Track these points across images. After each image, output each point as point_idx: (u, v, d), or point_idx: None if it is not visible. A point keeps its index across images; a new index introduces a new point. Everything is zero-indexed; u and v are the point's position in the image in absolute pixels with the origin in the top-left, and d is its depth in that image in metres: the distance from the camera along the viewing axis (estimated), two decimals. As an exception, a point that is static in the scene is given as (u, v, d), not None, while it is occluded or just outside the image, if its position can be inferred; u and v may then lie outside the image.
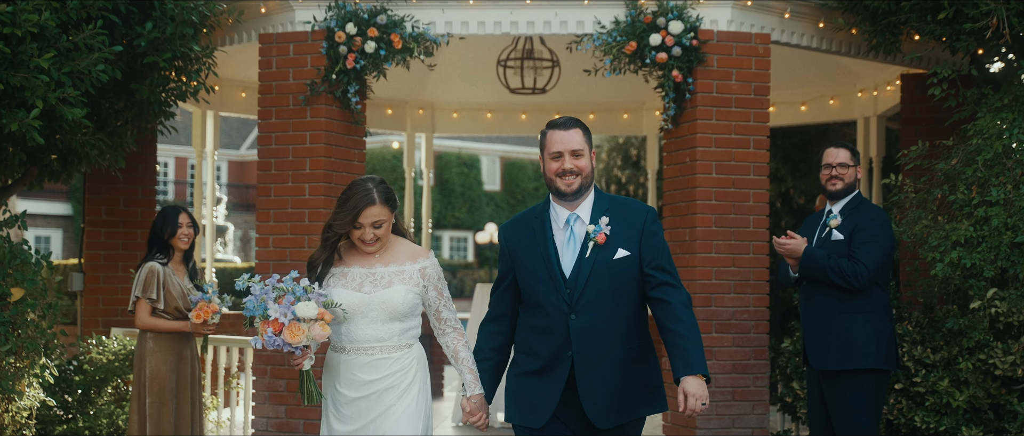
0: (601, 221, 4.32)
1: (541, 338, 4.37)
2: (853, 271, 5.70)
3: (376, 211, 4.34)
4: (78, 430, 7.23)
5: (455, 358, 4.50)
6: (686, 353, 4.19)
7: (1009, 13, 6.02)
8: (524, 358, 4.42)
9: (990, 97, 6.47)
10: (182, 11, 6.62)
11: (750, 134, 7.17)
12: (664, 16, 7.00)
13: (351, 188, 4.41)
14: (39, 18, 5.86)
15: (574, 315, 4.30)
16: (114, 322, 8.51)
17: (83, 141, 6.77)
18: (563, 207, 4.38)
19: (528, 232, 4.43)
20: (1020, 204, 5.83)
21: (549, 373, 4.35)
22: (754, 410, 7.10)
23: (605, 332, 4.30)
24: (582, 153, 4.35)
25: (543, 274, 4.33)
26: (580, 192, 4.34)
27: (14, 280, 6.31)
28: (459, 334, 4.52)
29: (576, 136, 4.35)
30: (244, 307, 4.25)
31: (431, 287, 4.48)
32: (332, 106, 7.25)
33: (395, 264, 4.45)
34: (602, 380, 4.31)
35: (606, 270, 4.28)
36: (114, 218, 8.64)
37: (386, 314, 4.38)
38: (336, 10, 7.10)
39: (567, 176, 4.32)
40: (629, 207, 4.41)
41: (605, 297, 4.28)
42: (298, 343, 4.21)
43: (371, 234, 4.36)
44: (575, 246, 4.34)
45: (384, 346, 4.40)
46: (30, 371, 6.52)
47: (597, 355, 4.30)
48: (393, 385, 4.40)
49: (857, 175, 5.89)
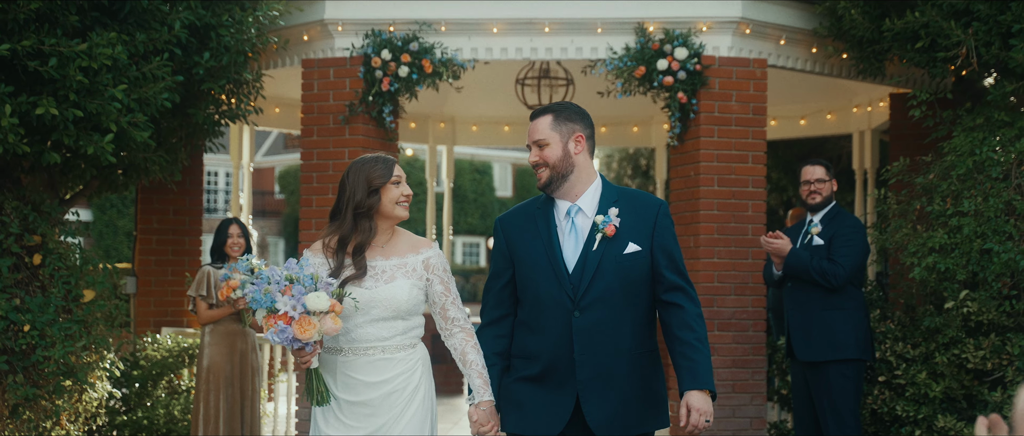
0: (610, 212, 4.00)
1: (540, 338, 4.02)
2: (832, 271, 6.44)
3: (402, 170, 4.08)
4: (138, 420, 7.95)
5: (463, 361, 4.07)
6: (695, 366, 3.94)
7: (977, 43, 6.70)
8: (521, 362, 4.08)
9: (964, 117, 7.16)
10: (237, 42, 7.33)
11: (749, 150, 7.87)
12: (670, 43, 7.70)
13: (361, 161, 4.09)
14: (112, 51, 6.56)
15: (578, 312, 3.96)
16: (164, 322, 9.24)
17: (145, 158, 7.50)
18: (560, 198, 4.08)
19: (529, 223, 4.10)
20: (989, 214, 6.50)
21: (551, 379, 4.00)
22: (752, 401, 7.79)
23: (611, 333, 3.97)
24: (547, 142, 4.03)
25: (545, 266, 4.00)
26: (552, 184, 4.03)
27: (86, 283, 7.04)
28: (468, 335, 4.09)
29: (541, 125, 4.05)
30: (250, 298, 3.87)
31: (437, 280, 4.09)
32: (368, 125, 7.97)
33: (396, 256, 4.06)
34: (607, 386, 3.97)
35: (615, 265, 3.96)
36: (164, 226, 9.38)
37: (389, 311, 3.99)
38: (373, 38, 7.81)
39: (537, 169, 4.06)
40: (640, 199, 4.10)
41: (613, 294, 3.96)
42: (309, 338, 3.81)
43: (408, 189, 4.07)
44: (577, 238, 4.02)
45: (386, 346, 4.02)
46: (100, 365, 7.24)
47: (602, 358, 3.97)
48: (398, 389, 4.01)
49: (833, 188, 6.66)
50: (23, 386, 6.43)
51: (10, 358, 6.42)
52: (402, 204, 4.06)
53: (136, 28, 6.81)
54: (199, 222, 9.49)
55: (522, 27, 7.87)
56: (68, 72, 6.24)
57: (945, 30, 6.74)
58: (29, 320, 6.42)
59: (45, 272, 6.82)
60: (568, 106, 4.13)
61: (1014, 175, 6.59)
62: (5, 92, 6.11)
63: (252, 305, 3.86)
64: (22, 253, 6.74)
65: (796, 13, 7.96)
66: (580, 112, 4.13)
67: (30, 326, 6.42)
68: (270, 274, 3.85)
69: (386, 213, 4.06)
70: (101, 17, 6.72)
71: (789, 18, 7.95)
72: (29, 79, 6.38)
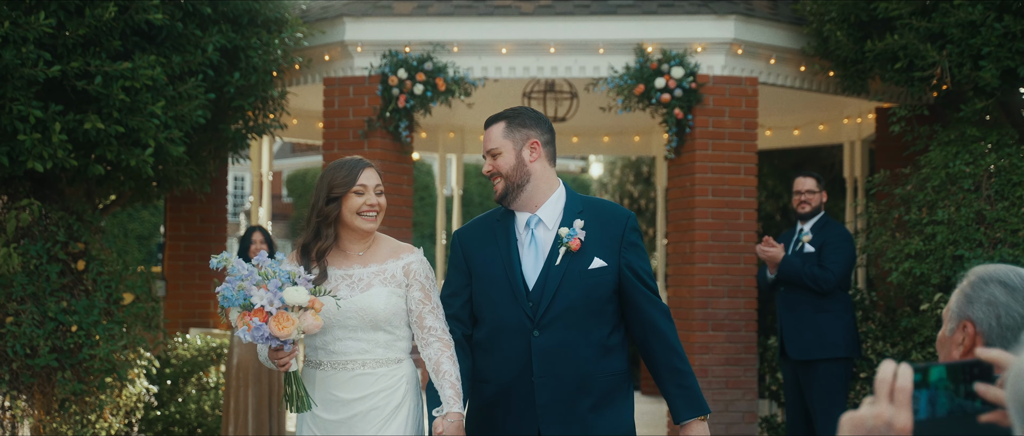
0: (575, 224, 3.71)
1: (493, 361, 3.75)
2: (822, 277, 7.00)
3: (374, 175, 3.81)
4: (170, 414, 8.52)
5: (436, 372, 3.71)
6: (688, 393, 3.71)
7: (951, 64, 7.25)
8: (476, 385, 3.80)
9: (940, 133, 7.71)
10: (264, 63, 7.90)
11: (741, 163, 8.42)
12: (668, 63, 8.25)
13: (337, 163, 3.85)
14: (152, 72, 7.13)
15: (537, 332, 3.68)
16: (192, 323, 9.80)
17: (178, 170, 8.06)
18: (520, 210, 3.80)
19: (488, 236, 3.82)
20: (960, 223, 7.05)
21: (507, 405, 3.72)
22: (744, 396, 8.34)
23: (574, 355, 3.68)
24: (499, 151, 3.74)
25: (502, 284, 3.72)
26: (508, 196, 3.76)
27: (126, 287, 7.60)
28: (445, 345, 3.75)
29: (493, 134, 3.77)
30: (222, 296, 3.59)
31: (416, 286, 3.79)
32: (385, 138, 8.53)
33: (375, 264, 3.82)
34: (569, 411, 3.66)
35: (579, 281, 3.68)
36: (192, 233, 9.95)
37: (366, 322, 3.72)
38: (390, 58, 8.37)
39: (492, 180, 3.80)
40: (607, 211, 3.81)
41: (576, 313, 3.68)
42: (288, 336, 3.51)
43: (374, 199, 3.77)
44: (537, 252, 3.75)
45: (366, 360, 3.74)
46: (138, 363, 7.80)
47: (564, 381, 3.66)
48: (377, 406, 3.73)
49: (822, 199, 7.22)
50: (71, 382, 6.98)
51: (59, 356, 6.98)
52: (366, 215, 3.77)
53: (173, 51, 7.37)
54: (224, 229, 10.05)
55: (529, 48, 8.44)
56: (112, 91, 6.79)
57: (921, 52, 7.28)
58: (76, 321, 6.98)
59: (88, 277, 7.37)
60: (523, 111, 3.83)
61: (984, 187, 7.13)
62: (55, 111, 6.68)
63: (224, 303, 3.57)
64: (68, 259, 7.30)
65: (785, 34, 8.52)
66: (536, 117, 3.83)
67: (77, 326, 6.98)
68: (242, 269, 3.58)
69: (346, 223, 3.80)
70: (141, 41, 7.28)
71: (779, 39, 8.50)
72: (77, 98, 6.95)
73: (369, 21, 8.43)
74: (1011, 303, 2.29)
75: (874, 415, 1.72)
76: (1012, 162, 7.04)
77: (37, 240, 7.13)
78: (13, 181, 7.47)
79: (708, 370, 8.10)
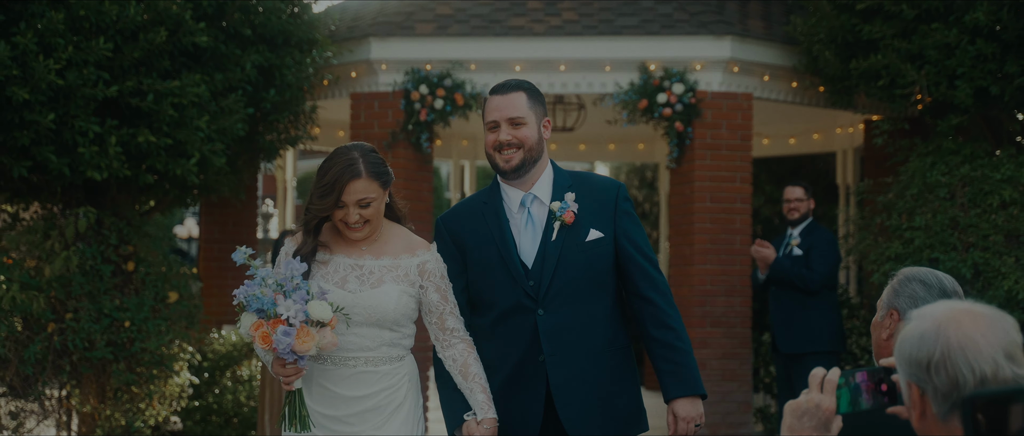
0: (566, 197, 3.61)
1: (500, 346, 3.63)
2: (809, 277, 7.69)
3: (362, 186, 3.46)
4: (209, 405, 9.20)
5: (464, 375, 3.58)
6: (679, 369, 3.61)
7: (929, 82, 7.91)
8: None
9: (919, 145, 8.37)
10: (297, 79, 8.57)
11: (736, 172, 9.09)
12: (669, 80, 8.92)
13: (332, 157, 3.52)
14: (198, 90, 7.80)
15: (542, 310, 3.57)
16: (225, 320, 10.47)
17: (218, 179, 8.74)
18: (513, 187, 3.65)
19: (477, 221, 3.68)
20: (936, 228, 7.70)
21: (517, 386, 3.61)
22: (740, 388, 9.01)
23: (582, 328, 3.59)
24: (524, 121, 3.58)
25: (498, 266, 3.60)
26: (522, 169, 3.59)
27: (171, 286, 8.28)
28: (469, 346, 3.63)
29: (517, 101, 3.60)
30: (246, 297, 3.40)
31: (432, 287, 3.59)
32: (408, 150, 9.20)
33: (388, 257, 3.59)
34: (583, 384, 3.59)
35: (578, 255, 3.59)
36: (225, 235, 10.63)
37: (372, 320, 3.53)
38: (412, 75, 9.05)
39: (505, 150, 3.59)
40: (596, 183, 3.72)
41: (579, 287, 3.59)
42: (306, 351, 3.34)
43: (356, 215, 3.47)
44: (536, 230, 3.64)
45: (369, 357, 3.55)
46: (181, 356, 8.48)
47: (575, 356, 3.58)
48: (378, 405, 3.56)
49: (810, 206, 7.90)
50: (124, 373, 7.66)
51: (114, 349, 7.65)
52: (352, 225, 3.53)
53: (215, 69, 8.04)
54: (254, 232, 10.74)
55: (541, 65, 9.12)
56: (162, 107, 7.45)
57: (902, 71, 7.93)
58: (128, 317, 7.66)
59: (137, 277, 8.05)
60: (532, 85, 3.74)
61: (958, 195, 7.79)
62: (111, 126, 7.36)
63: (249, 304, 3.39)
64: (119, 261, 7.98)
65: (778, 53, 9.19)
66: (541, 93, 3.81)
67: (130, 322, 7.66)
68: (267, 275, 3.39)
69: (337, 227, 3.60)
70: (187, 62, 7.95)
71: (772, 57, 9.18)
72: (130, 113, 7.62)
73: (393, 41, 9.12)
74: (927, 297, 2.97)
75: (808, 400, 2.22)
76: (984, 173, 7.69)
77: (92, 243, 7.80)
78: (68, 190, 8.15)
79: (706, 364, 8.76)
